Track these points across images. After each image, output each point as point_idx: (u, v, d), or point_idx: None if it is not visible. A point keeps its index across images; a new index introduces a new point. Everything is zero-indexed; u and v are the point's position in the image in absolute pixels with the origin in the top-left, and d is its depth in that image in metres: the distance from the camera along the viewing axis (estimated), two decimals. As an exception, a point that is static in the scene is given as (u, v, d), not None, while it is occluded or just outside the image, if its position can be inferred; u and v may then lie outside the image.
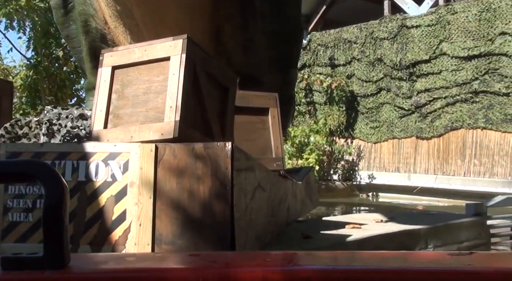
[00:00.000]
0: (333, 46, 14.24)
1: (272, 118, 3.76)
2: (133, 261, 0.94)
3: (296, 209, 4.53)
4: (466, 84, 11.71)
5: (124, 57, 2.80)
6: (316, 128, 13.16)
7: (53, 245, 0.76)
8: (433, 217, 5.44)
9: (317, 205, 5.88)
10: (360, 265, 0.87)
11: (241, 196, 2.66)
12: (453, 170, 12.00)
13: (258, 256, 1.04)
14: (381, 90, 13.25)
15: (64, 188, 0.77)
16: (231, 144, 2.48)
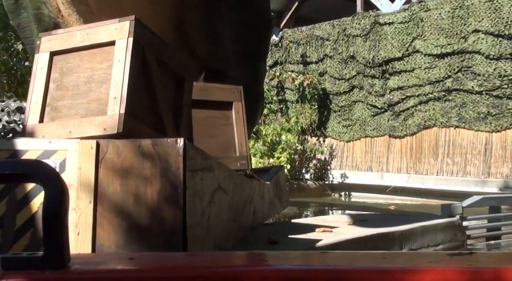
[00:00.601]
0: (305, 43, 13.99)
1: (236, 113, 3.45)
2: (133, 261, 0.92)
3: (264, 211, 4.23)
4: (439, 82, 11.57)
5: (64, 41, 2.46)
6: (287, 127, 12.90)
7: (53, 245, 0.74)
8: (408, 219, 5.20)
9: (288, 206, 5.58)
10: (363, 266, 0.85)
11: (196, 200, 2.34)
12: (426, 169, 11.86)
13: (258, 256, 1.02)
14: (353, 88, 13.05)
15: (64, 188, 0.76)
16: (183, 141, 2.16)
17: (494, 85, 10.72)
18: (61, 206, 0.77)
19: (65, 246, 0.77)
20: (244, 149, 3.44)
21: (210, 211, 2.56)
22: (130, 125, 2.24)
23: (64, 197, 0.77)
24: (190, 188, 2.20)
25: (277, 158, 12.41)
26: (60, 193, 0.77)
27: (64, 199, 0.77)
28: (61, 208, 0.77)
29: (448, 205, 5.35)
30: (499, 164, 10.79)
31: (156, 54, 2.47)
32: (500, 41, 10.71)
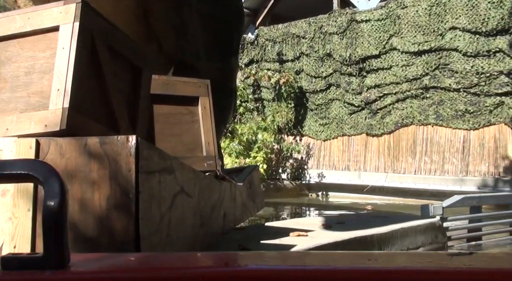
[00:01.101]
0: (281, 41, 13.76)
1: (203, 109, 3.18)
2: (133, 260, 0.91)
3: (235, 214, 3.97)
4: (416, 79, 11.44)
5: (2, 27, 2.17)
6: (264, 126, 12.65)
7: (53, 245, 0.74)
8: (387, 221, 4.99)
9: (263, 207, 5.33)
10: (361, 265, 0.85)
11: (153, 206, 2.07)
12: (404, 168, 11.72)
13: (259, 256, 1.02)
14: (330, 86, 12.86)
15: (65, 188, 0.75)
16: (135, 138, 1.89)
17: (472, 82, 10.62)
18: (61, 206, 0.75)
19: (65, 246, 0.76)
20: (212, 148, 3.17)
21: (171, 217, 2.29)
22: (75, 120, 1.96)
23: (64, 197, 0.76)
24: (144, 192, 1.93)
25: (253, 158, 12.16)
26: (60, 193, 0.76)
27: (64, 199, 0.76)
28: (61, 207, 0.75)
29: (428, 205, 5.15)
30: (477, 162, 10.69)
31: (107, 41, 2.19)
32: (477, 38, 10.61)
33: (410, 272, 0.78)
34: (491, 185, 10.22)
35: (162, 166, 2.17)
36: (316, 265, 0.86)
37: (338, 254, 1.19)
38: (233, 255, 1.23)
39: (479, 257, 0.90)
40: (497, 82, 10.36)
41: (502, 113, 10.37)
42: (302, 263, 0.90)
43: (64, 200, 0.76)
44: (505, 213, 6.06)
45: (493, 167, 10.49)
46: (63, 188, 0.76)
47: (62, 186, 0.76)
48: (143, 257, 1.02)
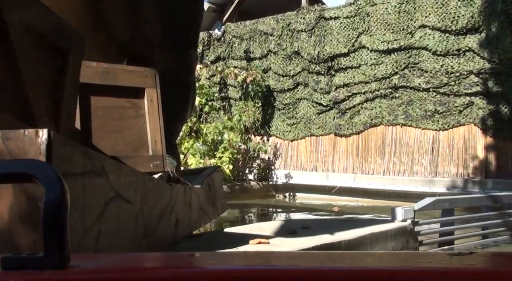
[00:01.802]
0: (248, 38, 13.41)
1: (150, 103, 2.80)
2: (134, 261, 0.89)
3: (191, 220, 3.59)
4: (385, 78, 11.22)
5: None
6: (230, 125, 12.27)
7: (53, 245, 0.72)
8: (355, 225, 4.69)
9: (225, 210, 4.95)
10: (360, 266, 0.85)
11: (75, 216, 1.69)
12: (372, 168, 11.49)
13: (259, 256, 0.95)
14: (298, 85, 12.57)
15: (64, 188, 0.74)
16: (47, 133, 1.50)
17: (441, 82, 10.45)
18: (61, 206, 0.73)
19: (65, 246, 0.73)
20: (160, 147, 2.78)
21: (101, 229, 1.91)
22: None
23: (64, 197, 0.73)
24: (61, 200, 1.53)
25: (219, 158, 11.77)
26: (60, 193, 0.73)
27: (64, 199, 0.73)
28: (61, 207, 0.73)
29: (398, 208, 4.85)
30: (446, 163, 10.52)
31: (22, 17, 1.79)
32: (447, 37, 10.45)
33: (410, 272, 0.78)
34: (460, 186, 10.06)
35: (88, 168, 1.79)
36: (317, 265, 0.85)
37: (339, 254, 1.15)
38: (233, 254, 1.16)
39: (479, 257, 0.89)
40: (466, 82, 10.20)
41: (472, 114, 10.22)
42: (307, 263, 0.87)
43: (64, 200, 0.74)
44: (477, 216, 5.82)
45: (462, 168, 10.33)
46: (63, 188, 0.74)
47: (62, 186, 0.75)
48: (143, 257, 0.98)
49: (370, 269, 0.80)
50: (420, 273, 0.76)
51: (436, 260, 0.85)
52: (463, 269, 0.78)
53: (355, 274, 0.77)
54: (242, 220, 9.90)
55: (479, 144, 10.22)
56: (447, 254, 0.87)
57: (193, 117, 12.88)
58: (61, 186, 0.74)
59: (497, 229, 5.99)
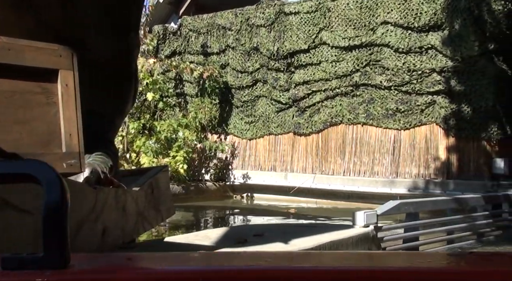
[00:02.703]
0: (206, 33, 12.88)
1: (64, 88, 2.28)
2: (134, 261, 0.90)
3: (126, 228, 3.09)
4: (346, 76, 10.88)
5: None
6: (185, 122, 11.73)
7: (53, 245, 0.73)
8: (313, 231, 4.26)
9: (170, 216, 4.41)
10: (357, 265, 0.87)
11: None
12: (332, 169, 11.13)
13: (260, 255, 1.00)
14: (257, 82, 12.12)
15: (64, 188, 0.75)
16: None
17: (403, 80, 10.16)
18: (61, 206, 0.74)
19: (65, 246, 0.74)
20: (76, 142, 2.26)
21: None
22: None
23: (64, 197, 0.75)
24: None
25: (173, 157, 11.21)
26: (61, 193, 0.74)
27: (64, 199, 0.75)
28: (61, 207, 0.74)
29: (360, 213, 4.45)
30: (407, 164, 10.25)
31: None
32: (410, 34, 10.17)
33: (410, 272, 0.77)
34: (421, 187, 9.80)
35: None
36: (317, 265, 0.84)
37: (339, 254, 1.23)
38: (234, 254, 1.26)
39: (479, 257, 0.88)
40: (429, 80, 9.94)
41: (434, 113, 9.96)
42: (306, 263, 0.88)
43: (64, 200, 0.75)
44: (443, 220, 5.48)
45: (424, 168, 10.07)
46: (63, 188, 0.75)
47: (62, 186, 0.75)
48: (143, 257, 0.96)
49: (371, 269, 0.80)
50: (419, 273, 0.76)
51: (437, 260, 0.85)
52: (463, 269, 0.79)
53: (355, 274, 0.77)
54: (195, 224, 9.41)
55: (441, 144, 9.97)
56: (448, 254, 0.98)
57: (147, 114, 12.29)
58: (61, 187, 0.75)
59: (463, 234, 5.68)
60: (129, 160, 11.39)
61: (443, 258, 0.90)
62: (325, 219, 9.68)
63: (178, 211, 10.12)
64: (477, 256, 0.91)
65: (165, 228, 7.85)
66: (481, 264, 0.84)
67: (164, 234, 7.15)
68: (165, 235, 7.13)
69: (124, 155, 11.50)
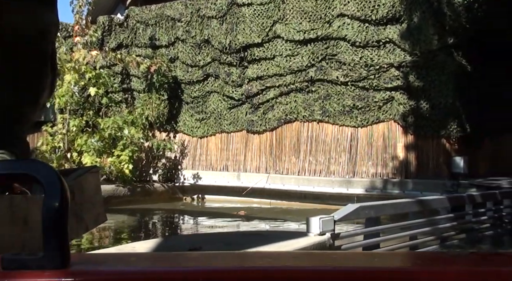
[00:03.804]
0: (154, 24, 12.16)
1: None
2: (134, 261, 0.91)
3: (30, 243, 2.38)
4: (301, 71, 10.38)
5: None
6: (131, 119, 10.99)
7: (53, 245, 0.73)
8: (263, 241, 3.71)
9: (100, 223, 3.68)
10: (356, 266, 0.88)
11: None
12: (287, 168, 10.61)
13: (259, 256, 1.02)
14: (208, 76, 11.49)
15: (64, 188, 0.75)
16: None
17: (360, 75, 9.72)
18: (61, 206, 0.74)
19: (65, 246, 0.74)
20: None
21: None
22: None
23: (64, 197, 0.74)
24: None
25: (117, 157, 10.47)
26: (61, 193, 0.74)
27: (64, 199, 0.74)
28: (61, 207, 0.74)
29: (315, 219, 3.90)
30: (365, 163, 9.82)
31: None
32: (367, 27, 9.74)
33: (410, 272, 0.77)
34: (379, 187, 9.38)
35: None
36: (317, 265, 0.85)
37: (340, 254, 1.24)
38: (234, 254, 1.22)
39: (479, 257, 0.89)
40: (386, 76, 9.53)
41: (392, 110, 9.56)
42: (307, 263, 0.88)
43: (64, 200, 0.74)
44: (405, 224, 4.99)
45: (382, 167, 9.66)
46: (63, 188, 0.75)
47: (62, 186, 0.75)
48: (143, 257, 0.97)
49: (370, 269, 0.81)
50: (419, 274, 0.77)
51: (436, 260, 0.88)
52: (463, 269, 0.80)
53: (356, 275, 0.78)
54: (138, 229, 8.72)
55: (399, 142, 9.58)
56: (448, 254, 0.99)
57: (90, 111, 11.49)
58: (61, 187, 0.75)
59: (426, 238, 5.20)
60: (70, 160, 10.59)
61: (443, 258, 0.89)
62: (277, 223, 9.16)
63: (121, 215, 9.46)
64: (478, 256, 0.90)
65: (99, 234, 7.15)
66: (482, 264, 0.84)
67: (89, 243, 6.44)
68: (86, 244, 6.42)
69: (65, 155, 10.70)
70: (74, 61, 10.34)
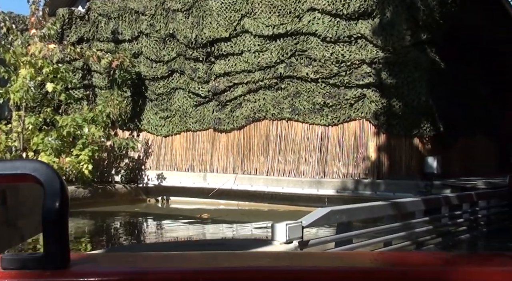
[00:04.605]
0: (117, 18, 11.60)
1: None
2: (133, 261, 0.91)
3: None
4: (270, 67, 9.97)
5: None
6: (91, 117, 10.42)
7: (54, 245, 0.74)
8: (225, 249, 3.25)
9: (34, 235, 3.16)
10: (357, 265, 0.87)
11: None
12: (255, 168, 10.19)
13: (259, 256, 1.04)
14: (173, 72, 11.00)
15: (64, 188, 0.76)
16: None
17: (331, 72, 9.36)
18: (61, 206, 0.75)
19: (65, 246, 0.76)
20: None
21: None
22: None
23: (64, 197, 0.76)
24: None
25: (76, 156, 9.90)
26: (61, 193, 0.76)
27: (64, 199, 0.76)
28: (61, 208, 0.75)
29: (281, 225, 3.49)
30: (335, 162, 9.46)
31: None
32: (338, 22, 9.38)
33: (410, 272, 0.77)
34: (350, 188, 9.04)
35: None
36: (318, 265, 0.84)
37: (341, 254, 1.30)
38: (233, 254, 1.22)
39: (479, 257, 0.92)
40: (358, 72, 9.18)
41: (364, 108, 9.22)
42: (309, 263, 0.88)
43: (64, 200, 0.74)
44: (379, 229, 4.61)
45: (353, 167, 9.31)
46: (63, 188, 0.75)
47: (62, 186, 0.75)
48: (143, 257, 0.96)
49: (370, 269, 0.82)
50: (419, 274, 0.77)
51: (436, 260, 0.90)
52: (463, 269, 0.80)
53: (356, 275, 0.78)
54: (95, 235, 8.19)
55: (371, 141, 9.24)
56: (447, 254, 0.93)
57: (48, 108, 10.89)
58: (61, 187, 0.76)
59: (401, 244, 4.84)
60: (26, 159, 9.98)
61: (443, 258, 0.88)
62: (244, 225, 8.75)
63: (80, 219, 8.93)
64: (478, 256, 0.91)
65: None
66: (482, 264, 0.84)
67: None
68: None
69: (20, 154, 10.08)
70: (30, 55, 9.73)
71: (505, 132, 13.03)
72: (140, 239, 8.03)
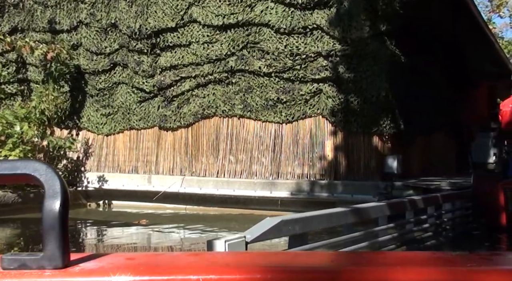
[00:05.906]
0: (54, 6, 10.69)
1: None
2: (133, 261, 0.87)
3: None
4: (220, 60, 9.27)
5: None
6: (23, 114, 9.47)
7: (53, 245, 0.74)
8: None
9: None
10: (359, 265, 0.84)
11: None
12: (204, 169, 9.47)
13: (259, 256, 0.99)
14: (115, 65, 10.19)
15: (65, 188, 0.76)
16: None
17: (285, 65, 8.73)
18: (61, 206, 0.74)
19: (65, 246, 0.75)
20: None
21: None
22: None
23: (64, 197, 0.75)
24: None
25: (6, 157, 8.94)
26: (61, 193, 0.75)
27: (64, 199, 0.75)
28: (61, 207, 0.74)
29: (218, 242, 2.79)
30: (290, 162, 8.84)
31: None
32: (293, 12, 8.77)
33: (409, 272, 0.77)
34: (306, 189, 8.43)
35: None
36: (318, 265, 0.83)
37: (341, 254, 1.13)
38: (233, 254, 1.24)
39: (479, 257, 0.88)
40: (314, 66, 8.58)
41: (320, 104, 8.62)
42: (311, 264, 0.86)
43: (64, 200, 0.74)
44: (338, 241, 3.95)
45: (308, 167, 8.70)
46: (63, 188, 0.75)
47: (62, 186, 0.75)
48: (143, 257, 0.93)
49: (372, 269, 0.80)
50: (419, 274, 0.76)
51: (437, 260, 0.86)
52: (463, 269, 0.79)
53: (357, 275, 0.77)
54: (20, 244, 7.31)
55: (327, 139, 8.66)
56: (447, 254, 0.89)
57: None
58: (61, 187, 0.74)
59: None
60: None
61: (443, 258, 0.86)
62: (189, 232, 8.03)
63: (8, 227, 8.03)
64: (477, 256, 0.87)
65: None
66: (482, 264, 0.84)
67: None
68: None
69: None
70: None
71: (465, 129, 12.67)
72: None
